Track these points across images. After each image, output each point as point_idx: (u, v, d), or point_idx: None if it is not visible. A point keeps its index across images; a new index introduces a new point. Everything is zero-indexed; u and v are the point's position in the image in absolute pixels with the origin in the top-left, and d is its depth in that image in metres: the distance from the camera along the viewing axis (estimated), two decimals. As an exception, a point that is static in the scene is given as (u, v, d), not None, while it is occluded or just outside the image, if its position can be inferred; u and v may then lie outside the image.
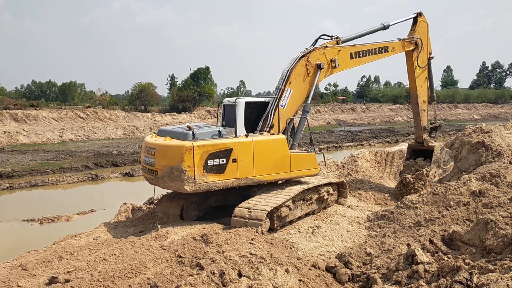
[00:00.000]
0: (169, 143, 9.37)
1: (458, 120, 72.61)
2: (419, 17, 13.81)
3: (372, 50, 12.59)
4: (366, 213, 11.17)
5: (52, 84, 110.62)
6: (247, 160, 9.65)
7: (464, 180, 10.01)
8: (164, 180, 9.31)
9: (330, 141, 37.87)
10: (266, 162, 9.96)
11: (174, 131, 10.08)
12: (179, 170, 8.95)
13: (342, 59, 11.89)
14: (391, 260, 7.30)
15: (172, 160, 9.07)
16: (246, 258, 7.14)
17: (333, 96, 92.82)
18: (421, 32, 13.83)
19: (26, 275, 7.18)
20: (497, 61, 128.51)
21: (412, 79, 14.10)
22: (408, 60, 14.02)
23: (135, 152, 32.15)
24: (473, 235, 7.46)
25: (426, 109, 14.46)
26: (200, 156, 9.03)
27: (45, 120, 47.86)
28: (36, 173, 24.02)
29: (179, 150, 8.99)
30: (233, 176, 9.51)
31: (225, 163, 9.35)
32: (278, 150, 10.16)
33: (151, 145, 9.80)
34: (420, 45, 13.72)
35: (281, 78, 11.09)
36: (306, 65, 11.11)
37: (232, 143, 9.49)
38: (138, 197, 15.97)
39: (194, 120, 57.84)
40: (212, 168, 9.21)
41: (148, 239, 8.29)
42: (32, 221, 15.00)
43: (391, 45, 13.10)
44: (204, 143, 9.18)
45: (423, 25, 13.90)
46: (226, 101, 11.20)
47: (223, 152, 9.31)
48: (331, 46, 11.72)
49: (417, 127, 14.56)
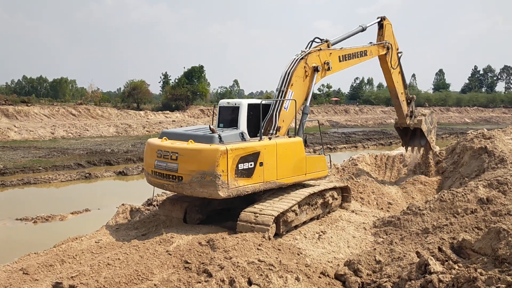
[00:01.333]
0: (200, 146, 8.82)
1: (449, 123, 73.12)
2: (384, 21, 14.73)
3: (355, 53, 13.30)
4: (371, 218, 11.06)
5: (43, 80, 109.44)
6: (272, 163, 9.45)
7: (471, 187, 9.93)
8: (192, 186, 8.76)
9: (324, 143, 37.77)
10: (287, 165, 9.85)
11: (195, 134, 9.50)
12: (212, 175, 8.45)
13: (333, 61, 12.25)
14: (403, 268, 7.17)
15: (204, 165, 8.55)
16: (255, 265, 6.98)
17: (326, 97, 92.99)
18: (388, 35, 14.79)
19: (28, 279, 6.94)
20: (489, 66, 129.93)
21: (389, 78, 15.22)
22: (382, 63, 15.03)
23: (128, 150, 31.82)
24: (485, 244, 7.35)
25: (404, 99, 15.89)
26: (233, 160, 8.65)
27: (37, 116, 47.26)
28: (28, 170, 23.62)
29: (213, 154, 8.50)
30: (260, 180, 9.26)
31: (253, 167, 9.06)
32: (296, 152, 10.15)
33: (170, 149, 9.14)
34: (391, 48, 14.76)
35: (282, 80, 11.09)
36: (305, 68, 11.29)
37: (260, 146, 9.24)
38: (133, 197, 15.75)
39: (187, 119, 57.52)
40: (242, 172, 8.89)
41: (153, 243, 8.09)
42: (26, 220, 14.72)
43: (369, 49, 14.04)
44: (236, 146, 8.82)
45: (388, 27, 14.82)
46: (225, 103, 10.94)
47: (251, 155, 9.02)
48: (324, 49, 12.01)
49: (400, 116, 16.16)
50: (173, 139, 9.70)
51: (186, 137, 9.46)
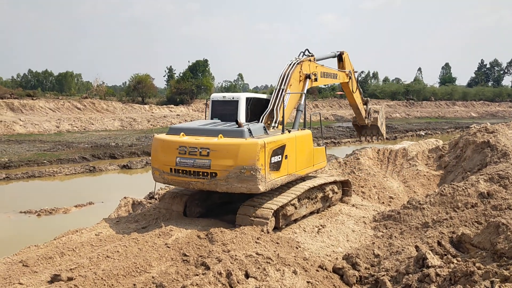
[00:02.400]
0: (237, 141, 8.62)
1: (455, 118, 72.71)
2: (343, 54, 15.95)
3: (331, 73, 14.39)
4: (371, 212, 11.04)
5: (48, 73, 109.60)
6: (293, 155, 9.56)
7: (472, 181, 9.88)
8: (228, 182, 8.56)
9: (329, 137, 37.72)
10: (302, 157, 10.03)
11: (221, 128, 9.27)
12: (253, 169, 8.36)
13: (318, 75, 12.89)
14: (401, 262, 7.17)
15: (243, 160, 8.40)
16: (252, 258, 7.00)
17: (331, 91, 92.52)
18: (347, 65, 16.14)
19: (27, 271, 6.99)
20: (496, 59, 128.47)
21: (351, 98, 17.10)
22: (345, 89, 16.60)
23: (133, 144, 31.93)
24: (484, 238, 7.32)
25: (362, 107, 18.11)
26: (268, 153, 8.63)
27: (42, 110, 47.47)
28: (33, 163, 23.79)
29: (254, 148, 8.39)
30: (285, 172, 9.29)
31: (281, 160, 9.09)
32: (308, 145, 10.43)
33: (199, 144, 8.81)
34: (351, 79, 16.32)
35: (280, 80, 11.33)
36: (300, 72, 11.78)
37: (286, 139, 9.29)
38: (136, 190, 15.82)
39: (192, 114, 57.57)
40: (273, 165, 8.87)
41: (152, 236, 8.12)
42: (30, 213, 14.84)
43: (339, 74, 15.32)
44: (270, 139, 8.76)
45: (347, 59, 16.12)
46: (220, 97, 10.82)
47: (280, 148, 9.04)
48: (313, 62, 12.60)
49: (360, 119, 18.74)
50: (193, 134, 9.36)
51: (211, 132, 9.21)
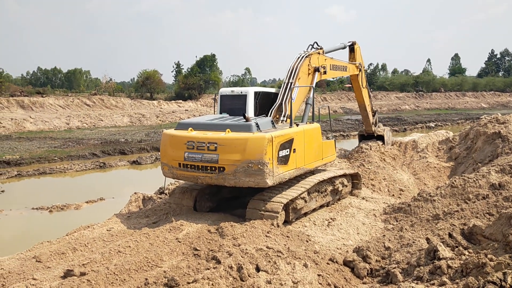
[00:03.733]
0: (245, 135, 8.65)
1: (466, 109, 72.06)
2: (355, 45, 16.03)
3: (341, 66, 14.36)
4: (382, 205, 11.01)
5: (57, 71, 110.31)
6: (301, 149, 9.57)
7: (483, 173, 9.79)
8: (236, 176, 8.59)
9: (337, 130, 37.58)
10: (310, 150, 10.03)
11: (229, 123, 9.31)
12: (260, 163, 8.38)
13: (327, 67, 12.96)
14: (412, 255, 7.15)
15: (251, 154, 8.43)
16: (263, 252, 7.02)
17: (339, 84, 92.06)
18: (359, 57, 16.11)
19: (41, 267, 7.08)
20: (506, 49, 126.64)
21: (359, 95, 16.85)
22: (354, 82, 16.46)
23: (142, 140, 32.08)
24: (495, 229, 7.27)
25: (371, 111, 17.73)
26: (275, 147, 8.66)
27: (52, 107, 47.81)
28: (44, 160, 24.01)
29: (261, 142, 8.40)
30: (293, 166, 9.31)
31: (289, 154, 9.11)
32: (317, 138, 10.45)
33: (206, 139, 8.85)
34: (361, 71, 16.18)
35: (289, 73, 11.38)
36: (308, 65, 11.85)
37: (294, 132, 9.31)
38: (146, 186, 15.91)
39: (200, 109, 57.65)
40: (281, 159, 8.89)
41: (163, 231, 8.17)
42: (42, 209, 15.00)
43: (349, 66, 15.25)
44: (277, 133, 8.79)
45: (358, 51, 16.16)
46: (228, 91, 10.85)
47: (288, 142, 9.06)
48: (321, 55, 12.66)
49: (366, 125, 18.17)
50: (201, 129, 9.39)
51: (218, 126, 9.22)
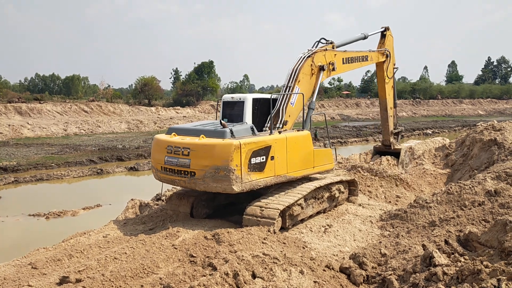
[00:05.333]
0: (213, 141, 8.78)
1: (462, 116, 72.32)
2: (387, 31, 15.13)
3: (358, 57, 13.62)
4: (378, 211, 11.02)
5: (55, 77, 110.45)
6: (282, 156, 9.47)
7: (478, 180, 9.82)
8: (205, 181, 8.74)
9: (335, 136, 37.72)
10: (296, 158, 9.88)
11: (204, 129, 9.48)
12: (226, 169, 8.45)
13: (337, 63, 12.50)
14: (408, 261, 7.15)
15: (218, 160, 8.52)
16: (259, 258, 7.02)
17: (337, 91, 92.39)
18: (389, 45, 15.17)
19: (36, 273, 7.06)
20: (503, 56, 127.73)
21: (382, 88, 15.51)
22: (378, 71, 15.43)
23: (140, 146, 32.09)
24: (491, 236, 7.29)
25: (392, 115, 15.98)
26: (246, 154, 8.66)
27: (49, 113, 47.84)
28: (41, 167, 24.00)
29: (227, 149, 8.46)
30: (271, 173, 9.27)
31: (265, 161, 9.08)
32: (305, 146, 10.20)
33: (181, 144, 9.07)
34: (389, 58, 15.15)
35: (289, 76, 11.25)
36: (311, 66, 11.51)
37: (271, 140, 9.25)
38: (144, 192, 15.90)
39: (198, 115, 57.70)
40: (255, 166, 8.89)
41: (159, 237, 8.16)
42: (38, 215, 14.98)
43: (370, 55, 14.34)
44: (249, 140, 8.80)
45: (390, 38, 15.24)
46: (229, 97, 10.95)
47: (263, 149, 9.02)
48: (330, 50, 12.26)
49: (385, 132, 16.15)
50: (182, 134, 9.66)
51: (196, 132, 9.42)
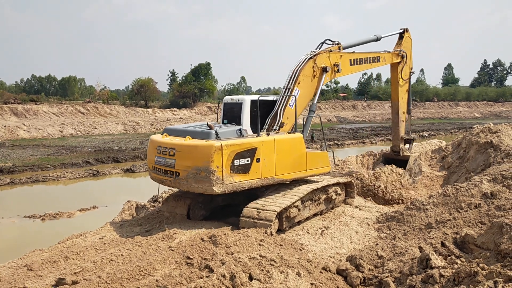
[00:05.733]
0: (195, 142, 8.93)
1: (459, 118, 72.59)
2: (405, 32, 14.65)
3: (367, 58, 13.27)
4: (375, 214, 11.03)
5: (52, 78, 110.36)
6: (270, 159, 9.47)
7: (475, 182, 9.85)
8: (188, 182, 8.88)
9: (332, 139, 37.75)
10: (286, 161, 9.83)
11: (192, 130, 9.64)
12: (207, 171, 8.56)
13: (343, 64, 12.29)
14: (404, 263, 7.16)
15: (199, 161, 8.66)
16: (256, 260, 7.02)
17: (334, 93, 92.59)
18: (406, 47, 14.68)
19: (32, 275, 7.03)
20: (499, 59, 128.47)
21: (395, 90, 14.90)
22: (393, 72, 14.81)
23: (136, 148, 32.01)
24: (487, 238, 7.31)
25: (404, 120, 15.28)
26: (228, 156, 8.72)
27: (46, 115, 47.69)
28: (37, 168, 23.89)
29: (208, 150, 8.59)
30: (257, 176, 9.29)
31: (250, 163, 9.11)
32: (296, 148, 10.12)
33: (168, 145, 9.28)
34: (405, 59, 14.59)
35: (289, 78, 11.19)
36: (313, 67, 11.36)
37: (257, 142, 9.26)
38: (140, 194, 15.86)
39: (195, 117, 57.67)
40: (238, 168, 8.94)
41: (156, 239, 8.14)
42: (34, 217, 14.91)
43: (383, 56, 13.92)
44: (232, 142, 8.87)
45: (408, 40, 14.77)
46: (229, 99, 11.00)
47: (248, 151, 9.06)
48: (335, 51, 12.07)
49: (395, 137, 15.35)
50: (173, 135, 9.85)
51: (184, 133, 9.57)
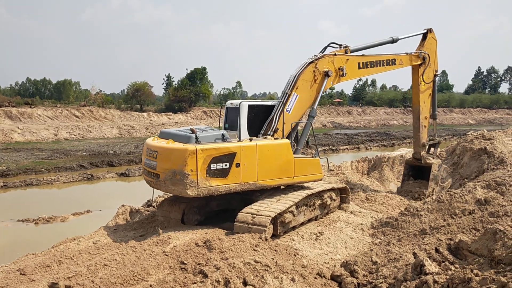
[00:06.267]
0: (172, 146, 9.19)
1: (453, 125, 72.96)
2: (429, 33, 13.84)
3: (380, 61, 12.59)
4: (369, 219, 11.04)
5: (47, 81, 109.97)
6: (251, 164, 9.47)
7: (469, 188, 9.91)
8: (166, 184, 9.13)
9: (327, 144, 37.81)
10: (269, 166, 9.78)
11: (176, 134, 9.83)
12: (181, 174, 8.74)
13: (350, 68, 11.89)
14: (398, 269, 7.17)
15: (175, 164, 8.89)
16: (250, 266, 7.01)
17: (329, 99, 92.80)
18: (430, 49, 13.82)
19: (25, 280, 6.98)
20: (492, 67, 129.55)
21: (416, 93, 14.03)
22: (413, 74, 14.00)
23: (131, 152, 31.92)
24: (481, 244, 7.34)
25: (427, 126, 14.32)
26: (203, 160, 8.84)
27: (40, 118, 47.49)
28: (31, 172, 23.77)
29: (182, 154, 8.80)
30: (236, 180, 9.34)
31: (228, 168, 9.18)
32: (282, 154, 10.02)
33: (153, 147, 9.59)
34: (427, 61, 13.67)
35: (288, 83, 11.06)
36: (314, 72, 11.13)
37: (235, 147, 9.31)
38: (134, 198, 15.79)
39: (190, 121, 57.61)
40: (215, 172, 9.03)
41: (150, 244, 8.11)
42: (27, 221, 14.81)
43: (399, 58, 13.11)
44: (207, 146, 8.99)
45: (432, 41, 13.90)
46: (229, 104, 11.08)
47: (226, 156, 9.13)
48: (340, 55, 11.73)
49: (416, 143, 14.44)
50: (163, 138, 10.06)
51: (171, 136, 9.79)
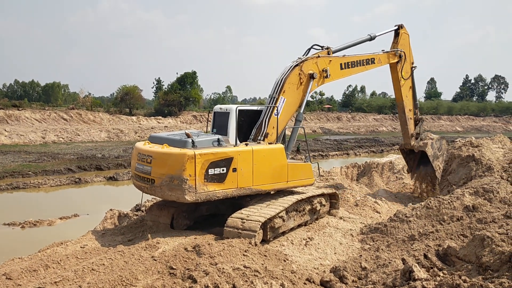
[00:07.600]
0: (169, 151, 9.03)
1: (441, 132, 73.50)
2: (401, 29, 14.28)
3: (360, 61, 12.88)
4: (359, 225, 11.07)
5: (35, 84, 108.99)
6: (247, 169, 9.46)
7: (457, 195, 10.00)
8: (162, 189, 8.95)
9: (316, 149, 37.91)
10: (264, 171, 9.81)
11: (170, 138, 9.70)
12: (179, 179, 8.60)
13: (332, 69, 12.01)
14: (387, 275, 7.19)
15: (172, 169, 8.72)
16: (240, 271, 6.97)
17: (319, 105, 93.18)
18: (404, 44, 14.30)
19: (11, 284, 6.86)
20: (480, 75, 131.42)
21: (398, 90, 14.59)
22: (392, 72, 14.46)
23: (120, 155, 31.69)
24: (469, 251, 7.39)
25: (412, 117, 14.95)
26: (202, 165, 8.75)
27: (28, 120, 46.99)
28: (17, 175, 23.47)
29: (181, 158, 8.65)
30: (233, 185, 9.29)
31: (226, 172, 9.12)
32: (276, 159, 10.08)
33: (146, 152, 9.39)
34: (403, 57, 14.20)
35: (275, 86, 11.06)
36: (300, 75, 11.18)
37: (233, 151, 9.27)
38: (122, 202, 15.66)
39: (180, 125, 57.44)
40: (213, 177, 8.96)
41: (138, 249, 8.03)
42: (14, 225, 14.60)
43: (378, 57, 13.49)
44: (206, 151, 8.90)
45: (404, 37, 14.38)
46: (218, 108, 11.00)
47: (223, 161, 9.07)
48: (323, 56, 11.83)
49: (405, 135, 15.08)
50: (155, 142, 9.95)
51: (164, 141, 9.65)
